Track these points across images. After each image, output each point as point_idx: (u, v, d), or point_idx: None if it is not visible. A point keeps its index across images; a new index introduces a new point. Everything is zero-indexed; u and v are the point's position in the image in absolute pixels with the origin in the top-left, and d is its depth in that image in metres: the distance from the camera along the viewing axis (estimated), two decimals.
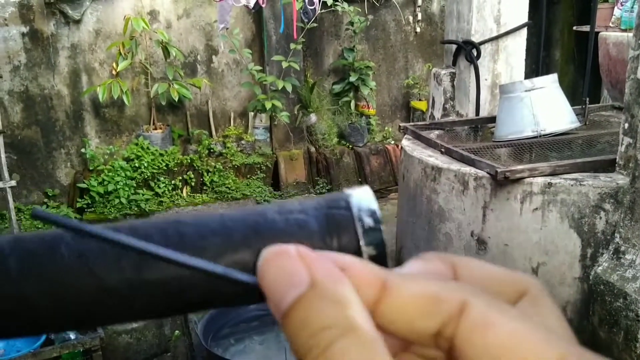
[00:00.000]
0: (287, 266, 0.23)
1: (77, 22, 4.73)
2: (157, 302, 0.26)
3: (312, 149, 5.57)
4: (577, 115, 3.08)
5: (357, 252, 0.26)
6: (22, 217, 4.47)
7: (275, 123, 5.37)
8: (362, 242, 0.26)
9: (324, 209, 0.27)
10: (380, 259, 0.26)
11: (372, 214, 0.27)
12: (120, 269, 0.25)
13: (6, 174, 3.87)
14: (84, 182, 4.69)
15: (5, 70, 4.52)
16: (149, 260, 0.25)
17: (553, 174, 2.39)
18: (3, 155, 3.90)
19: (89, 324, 0.26)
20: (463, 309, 0.23)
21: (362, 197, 0.27)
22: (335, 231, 0.26)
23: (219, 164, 5.09)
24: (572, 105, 3.09)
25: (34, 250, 0.25)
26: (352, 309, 0.22)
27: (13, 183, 3.89)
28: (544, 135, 2.93)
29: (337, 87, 5.69)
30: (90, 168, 4.80)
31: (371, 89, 5.56)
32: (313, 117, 5.50)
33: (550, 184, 2.34)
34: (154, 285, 0.25)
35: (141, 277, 0.25)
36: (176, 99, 4.71)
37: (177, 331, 3.12)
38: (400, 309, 0.23)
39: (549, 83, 3.00)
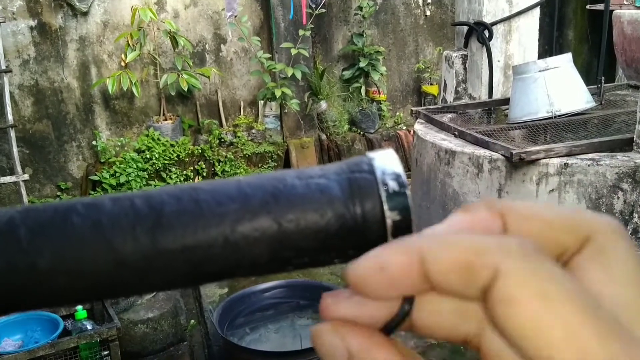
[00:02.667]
0: (326, 342, 0.23)
1: (85, 14, 4.72)
2: (173, 271, 0.24)
3: (323, 137, 5.55)
4: (592, 94, 3.02)
5: (381, 217, 0.25)
6: None
7: (286, 111, 5.34)
8: (386, 207, 0.25)
9: (346, 173, 0.25)
10: (405, 224, 0.25)
11: (397, 177, 0.25)
12: (135, 237, 0.24)
13: (19, 168, 3.89)
14: (96, 175, 4.70)
15: (15, 64, 4.52)
16: (164, 228, 0.24)
17: (569, 154, 2.35)
18: (15, 150, 3.92)
19: (104, 295, 0.25)
20: (495, 279, 0.20)
21: (385, 160, 0.25)
22: (358, 196, 0.25)
23: (230, 153, 5.08)
24: (586, 85, 3.04)
25: (45, 220, 0.24)
26: None
27: (26, 177, 3.91)
28: (559, 115, 2.88)
29: (347, 73, 5.65)
30: (102, 160, 4.81)
31: (381, 74, 5.51)
32: (323, 104, 5.47)
33: (566, 165, 2.31)
34: (170, 255, 0.24)
35: (156, 245, 0.24)
36: (185, 89, 4.69)
37: (192, 320, 3.13)
38: (437, 283, 0.21)
39: (564, 63, 2.95)
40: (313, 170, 0.26)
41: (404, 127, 5.73)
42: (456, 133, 2.77)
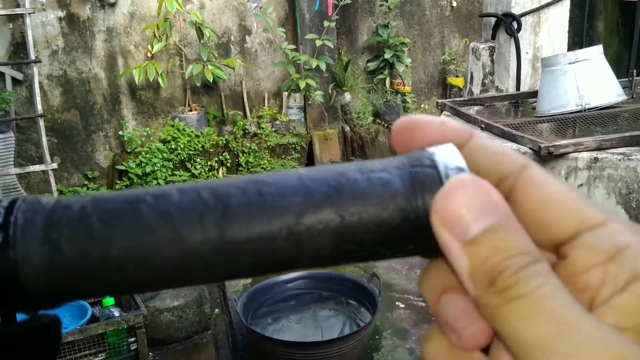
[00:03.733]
0: (480, 195, 0.24)
1: (112, 5, 4.77)
2: (238, 262, 0.25)
3: (347, 128, 5.53)
4: (623, 88, 2.96)
5: None
6: None
7: (310, 102, 5.34)
8: None
9: (408, 167, 0.25)
10: None
11: (460, 170, 0.25)
12: (203, 228, 0.24)
13: (48, 157, 3.96)
14: (122, 164, 4.76)
15: (44, 54, 4.59)
16: (231, 219, 0.24)
17: (599, 148, 2.31)
18: (44, 139, 3.99)
19: (171, 283, 0.26)
20: (524, 167, 0.25)
21: (447, 154, 0.26)
22: (420, 190, 0.25)
23: (254, 144, 5.10)
24: (617, 78, 2.97)
25: (116, 210, 0.24)
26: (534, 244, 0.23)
27: (54, 166, 3.98)
28: (588, 109, 2.83)
29: (372, 65, 5.62)
30: (128, 150, 4.87)
31: (406, 66, 5.46)
32: (347, 96, 5.45)
33: (596, 159, 2.27)
34: (236, 246, 0.24)
35: (223, 236, 0.24)
36: (210, 80, 4.71)
37: (217, 309, 3.16)
38: (473, 154, 0.26)
39: (594, 55, 2.89)
40: (373, 164, 0.26)
41: None
42: (483, 126, 2.73)
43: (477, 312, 0.23)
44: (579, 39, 5.70)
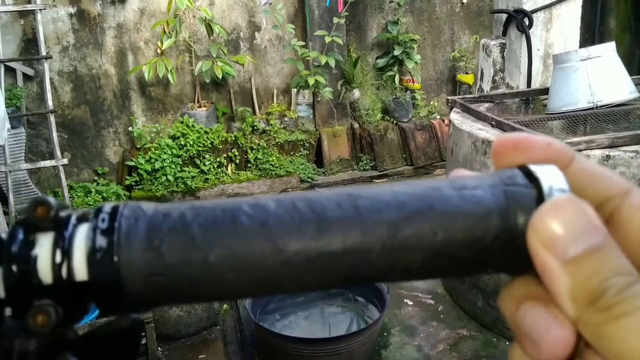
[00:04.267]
0: (580, 216, 0.24)
1: (122, 1, 4.78)
2: (332, 273, 0.25)
3: (356, 125, 5.52)
4: (635, 85, 2.93)
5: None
6: (74, 194, 4.60)
7: (318, 99, 5.33)
8: None
9: (501, 186, 0.26)
10: None
11: (563, 192, 0.25)
12: (300, 238, 0.25)
13: (58, 153, 3.98)
14: (132, 160, 4.78)
15: (54, 51, 4.62)
16: (327, 231, 0.25)
17: (611, 146, 2.29)
18: (55, 134, 4.01)
19: (265, 291, 0.26)
20: (628, 192, 0.26)
21: (551, 175, 0.26)
22: (514, 209, 0.25)
23: (263, 141, 5.10)
24: (629, 75, 2.94)
25: (215, 218, 0.25)
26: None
27: (65, 161, 4.00)
28: (600, 106, 2.81)
29: (381, 62, 5.60)
30: (138, 146, 4.89)
31: (416, 62, 5.44)
32: (356, 93, 5.44)
33: (608, 157, 2.25)
34: (331, 257, 0.25)
35: (319, 247, 0.25)
36: (220, 77, 4.72)
37: (225, 305, 3.17)
38: (576, 175, 0.26)
39: (606, 52, 2.86)
40: (466, 181, 0.27)
41: (438, 117, 5.66)
42: (493, 123, 2.72)
43: (555, 320, 0.24)
44: (590, 35, 5.65)
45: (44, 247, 0.25)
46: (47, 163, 4.00)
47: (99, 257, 0.25)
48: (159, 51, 4.86)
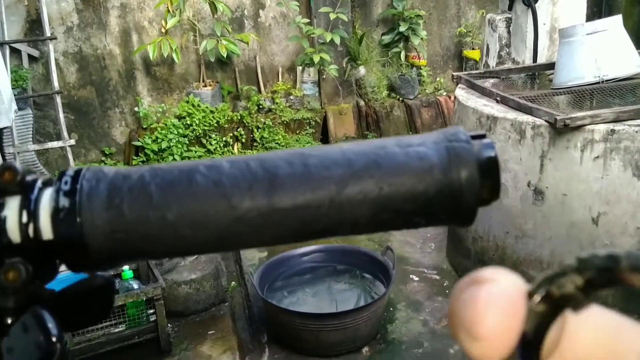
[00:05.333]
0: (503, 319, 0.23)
1: None
2: (284, 228, 0.27)
3: (362, 103, 5.50)
4: None
5: (477, 185, 0.27)
6: None
7: (324, 77, 5.31)
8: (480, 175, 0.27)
9: (444, 142, 0.27)
10: (495, 191, 0.27)
11: (490, 146, 0.27)
12: (252, 196, 0.26)
13: (65, 133, 4.00)
14: (138, 140, 4.80)
15: (59, 31, 4.61)
16: (278, 188, 0.26)
17: (616, 120, 2.28)
18: (62, 115, 4.03)
19: (221, 247, 0.28)
20: None
21: (477, 133, 0.28)
22: (455, 163, 0.27)
23: (269, 119, 5.11)
24: (637, 49, 2.92)
25: (172, 179, 0.27)
26: None
27: (72, 142, 4.02)
28: (606, 80, 2.79)
29: (387, 38, 5.55)
30: (144, 126, 4.90)
31: (422, 38, 5.39)
32: (362, 70, 5.41)
33: (613, 131, 2.24)
34: (283, 213, 0.26)
35: (271, 204, 0.26)
36: (224, 56, 4.70)
37: (233, 282, 3.21)
38: (578, 350, 0.23)
39: (613, 26, 2.83)
40: (411, 138, 0.28)
41: (444, 93, 5.63)
42: (498, 99, 2.71)
43: None
44: (598, 9, 5.57)
45: (12, 209, 0.27)
46: (55, 144, 4.02)
47: (62, 216, 0.26)
48: (163, 30, 4.85)
